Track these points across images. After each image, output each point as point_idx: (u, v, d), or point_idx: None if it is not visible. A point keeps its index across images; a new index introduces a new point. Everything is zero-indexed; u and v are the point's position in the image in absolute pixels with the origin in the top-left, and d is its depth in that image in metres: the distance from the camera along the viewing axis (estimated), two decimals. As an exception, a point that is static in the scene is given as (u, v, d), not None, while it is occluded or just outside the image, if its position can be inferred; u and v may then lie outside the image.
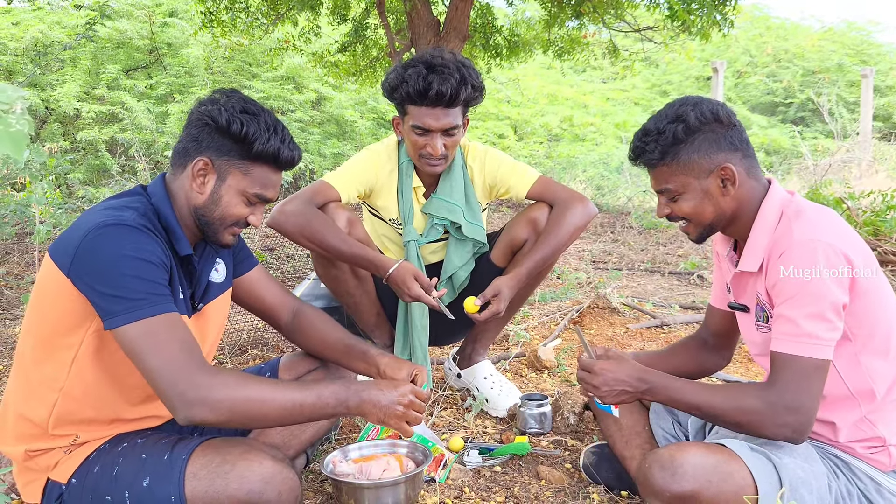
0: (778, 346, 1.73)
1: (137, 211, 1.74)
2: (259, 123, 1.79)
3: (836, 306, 1.69)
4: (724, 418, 1.78)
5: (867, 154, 13.75)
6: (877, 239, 5.65)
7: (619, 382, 1.91)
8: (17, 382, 1.80)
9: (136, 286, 1.63)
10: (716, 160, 1.85)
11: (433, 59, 2.55)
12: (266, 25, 8.60)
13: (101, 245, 1.63)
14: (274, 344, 3.67)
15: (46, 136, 10.08)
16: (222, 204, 1.83)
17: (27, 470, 1.80)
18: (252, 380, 1.71)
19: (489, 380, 2.94)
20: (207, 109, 1.80)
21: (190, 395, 1.61)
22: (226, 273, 2.06)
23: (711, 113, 1.85)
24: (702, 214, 1.90)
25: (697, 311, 4.55)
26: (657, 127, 1.88)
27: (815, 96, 18.04)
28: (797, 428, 1.69)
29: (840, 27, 22.38)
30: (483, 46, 8.86)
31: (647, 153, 1.90)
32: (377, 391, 1.85)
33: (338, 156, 10.82)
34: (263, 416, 1.70)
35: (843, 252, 1.70)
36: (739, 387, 1.81)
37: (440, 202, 2.75)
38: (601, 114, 18.33)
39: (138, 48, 11.10)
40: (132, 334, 1.62)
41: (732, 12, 7.22)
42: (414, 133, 2.59)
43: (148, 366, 1.62)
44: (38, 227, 3.02)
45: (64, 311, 1.69)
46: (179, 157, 1.84)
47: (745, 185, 1.87)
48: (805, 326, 1.68)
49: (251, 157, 1.81)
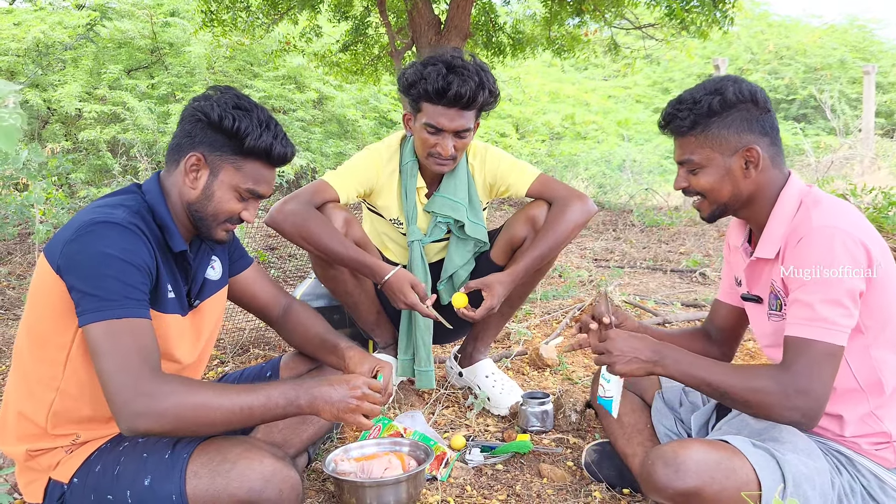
0: (793, 331, 1.72)
1: (130, 209, 1.74)
2: (251, 119, 1.80)
3: (852, 293, 1.69)
4: (733, 396, 1.77)
5: (869, 151, 13.74)
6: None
7: (633, 350, 1.91)
8: (17, 381, 1.80)
9: (112, 286, 1.62)
10: (744, 140, 1.85)
11: (453, 59, 2.54)
12: (267, 25, 8.60)
13: (87, 242, 1.64)
14: (276, 343, 3.67)
15: (48, 136, 10.10)
16: (215, 199, 1.83)
17: (29, 470, 1.80)
18: (201, 386, 1.68)
19: (491, 378, 2.93)
20: (200, 105, 1.81)
21: (133, 406, 1.58)
22: (222, 271, 2.06)
23: (750, 92, 1.84)
24: (719, 192, 1.89)
25: (699, 309, 4.55)
26: (693, 97, 1.87)
27: (817, 93, 18.01)
28: (807, 412, 1.69)
29: (842, 24, 22.35)
30: (484, 45, 8.85)
31: (679, 120, 1.88)
32: (328, 387, 1.81)
33: (340, 155, 10.82)
34: (211, 423, 1.66)
35: (861, 240, 1.70)
36: (752, 367, 1.81)
37: (444, 200, 2.74)
38: (603, 111, 18.30)
39: (140, 48, 11.10)
40: (95, 333, 1.61)
41: (732, 10, 7.20)
42: (426, 131, 2.58)
43: (101, 367, 1.61)
44: (38, 227, 3.02)
45: (56, 309, 1.69)
46: (173, 154, 1.85)
47: (767, 171, 1.86)
48: (821, 311, 1.68)
49: (243, 152, 1.81)
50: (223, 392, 1.69)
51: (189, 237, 1.92)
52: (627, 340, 1.93)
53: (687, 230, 7.83)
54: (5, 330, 3.94)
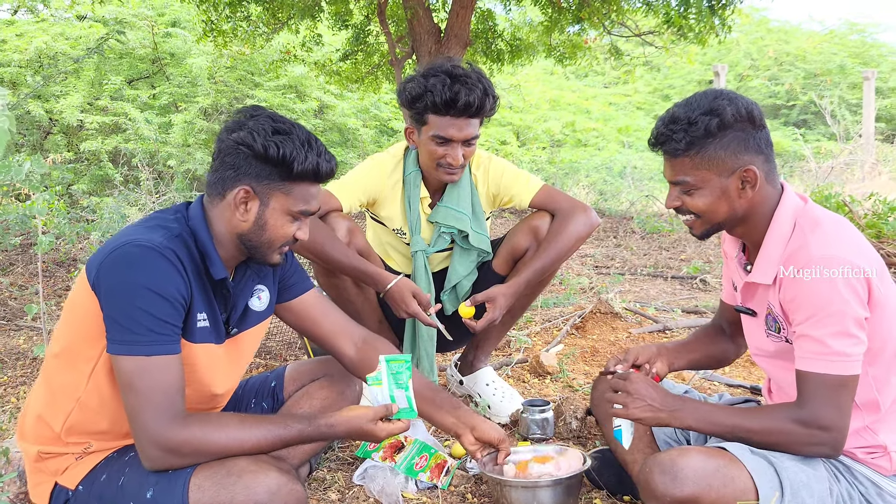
0: (806, 366, 1.72)
1: (171, 232, 1.75)
2: (294, 142, 1.76)
3: (858, 320, 1.69)
4: (756, 441, 1.77)
5: (870, 156, 13.76)
6: (879, 241, 5.65)
7: (650, 398, 1.88)
8: (40, 385, 1.84)
9: (142, 319, 1.64)
10: (741, 160, 1.79)
11: (454, 69, 2.54)
12: (267, 34, 8.63)
13: (120, 267, 1.66)
14: (277, 352, 3.67)
15: (50, 146, 10.12)
16: (269, 227, 1.82)
17: (38, 471, 1.82)
18: (219, 430, 1.72)
19: (491, 386, 2.94)
20: (240, 136, 1.76)
21: (153, 452, 1.67)
22: (268, 301, 2.04)
23: (747, 111, 1.79)
24: (715, 212, 1.85)
25: (700, 316, 4.55)
26: (688, 117, 1.79)
27: (817, 99, 18.02)
28: (833, 445, 1.72)
29: (841, 29, 22.37)
30: (484, 52, 8.87)
31: (674, 142, 1.81)
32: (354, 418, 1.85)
33: (341, 164, 10.83)
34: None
35: (861, 267, 1.69)
36: (769, 408, 1.82)
37: (447, 210, 2.75)
38: (603, 118, 18.32)
39: (141, 58, 11.14)
40: (122, 366, 1.66)
41: (731, 17, 7.22)
42: (434, 143, 2.58)
43: (126, 401, 1.67)
44: (41, 237, 3.04)
45: (88, 322, 1.71)
46: (217, 187, 1.82)
47: (762, 189, 1.83)
48: (833, 345, 1.68)
49: (292, 178, 1.78)
50: (242, 429, 1.74)
51: (233, 265, 1.91)
52: (647, 387, 1.90)
53: (687, 237, 7.83)
54: (7, 340, 3.95)
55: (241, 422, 1.77)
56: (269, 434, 1.76)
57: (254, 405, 2.21)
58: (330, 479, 2.36)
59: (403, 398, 1.93)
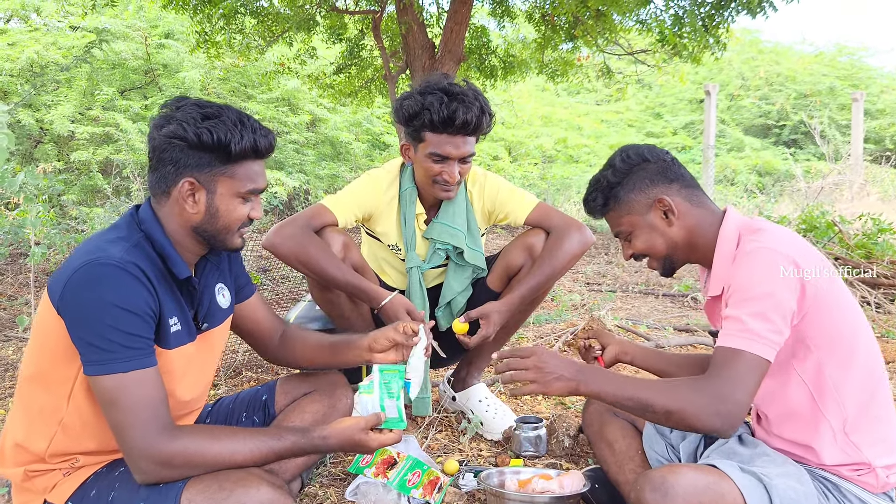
0: (721, 342, 1.77)
1: (129, 242, 1.73)
2: (226, 124, 1.75)
3: (781, 309, 1.73)
4: (656, 409, 1.77)
5: (859, 177, 13.86)
6: (869, 262, 5.69)
7: (560, 368, 1.88)
8: (17, 410, 1.81)
9: (114, 337, 1.63)
10: (651, 194, 1.96)
11: (450, 86, 2.55)
12: (262, 47, 8.64)
13: (84, 287, 1.64)
14: (269, 366, 3.66)
15: (40, 156, 10.09)
16: (221, 214, 1.81)
17: (25, 490, 1.80)
18: (212, 440, 1.71)
19: (484, 402, 2.94)
20: (171, 130, 1.73)
21: (144, 466, 1.66)
22: (230, 300, 2.06)
23: (637, 154, 1.99)
24: (654, 248, 2.00)
25: (691, 334, 4.57)
26: (595, 177, 2.04)
27: (807, 119, 18.17)
28: (727, 417, 1.70)
29: (831, 51, 22.58)
30: (478, 68, 8.91)
31: (593, 202, 2.04)
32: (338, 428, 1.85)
33: (333, 177, 10.84)
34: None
35: (789, 255, 1.75)
36: (676, 380, 1.84)
37: (443, 227, 2.76)
38: (595, 135, 18.42)
39: (134, 69, 11.12)
40: (103, 385, 1.64)
41: (725, 35, 7.28)
42: (430, 160, 2.59)
43: (111, 419, 1.66)
44: (34, 249, 3.02)
45: (57, 344, 1.69)
46: (160, 185, 1.80)
47: (690, 213, 1.96)
48: (749, 324, 1.73)
49: (232, 159, 1.78)
50: (234, 441, 1.73)
51: (193, 261, 1.90)
52: (553, 358, 1.91)
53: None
54: (-3, 351, 3.93)
55: (233, 433, 1.77)
56: (262, 445, 1.75)
57: (245, 419, 2.20)
58: (322, 494, 2.35)
59: (394, 408, 1.93)
